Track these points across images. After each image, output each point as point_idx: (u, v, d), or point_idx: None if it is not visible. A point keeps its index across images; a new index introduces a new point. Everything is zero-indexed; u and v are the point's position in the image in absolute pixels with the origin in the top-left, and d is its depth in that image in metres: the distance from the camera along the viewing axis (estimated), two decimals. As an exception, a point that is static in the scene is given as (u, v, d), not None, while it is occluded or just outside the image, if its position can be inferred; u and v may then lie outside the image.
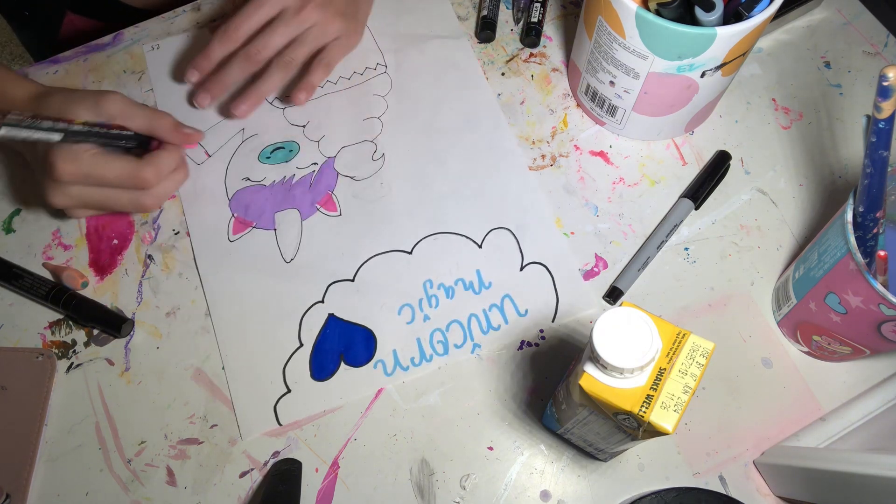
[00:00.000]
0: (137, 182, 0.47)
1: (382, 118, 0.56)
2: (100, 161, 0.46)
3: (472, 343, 0.48)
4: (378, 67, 0.58)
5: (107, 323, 0.49)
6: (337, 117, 0.56)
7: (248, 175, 0.54)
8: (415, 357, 0.48)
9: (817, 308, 0.43)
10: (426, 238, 0.51)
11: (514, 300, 0.49)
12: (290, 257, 0.51)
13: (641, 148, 0.54)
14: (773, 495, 0.44)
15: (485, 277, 0.50)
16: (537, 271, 0.50)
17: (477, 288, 0.50)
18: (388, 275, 0.50)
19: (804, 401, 0.46)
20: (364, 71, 0.58)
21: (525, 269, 0.50)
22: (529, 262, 0.50)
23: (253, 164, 0.54)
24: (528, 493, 0.45)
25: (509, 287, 0.50)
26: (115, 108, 0.47)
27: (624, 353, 0.29)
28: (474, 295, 0.49)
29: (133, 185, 0.48)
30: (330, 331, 0.49)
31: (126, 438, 0.47)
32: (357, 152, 0.55)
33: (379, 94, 0.57)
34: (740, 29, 0.42)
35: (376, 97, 0.57)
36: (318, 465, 0.46)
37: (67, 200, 0.47)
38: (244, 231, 0.52)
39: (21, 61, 1.56)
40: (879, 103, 0.33)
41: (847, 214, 0.38)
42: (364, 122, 0.56)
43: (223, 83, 0.54)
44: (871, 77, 0.56)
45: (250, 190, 0.54)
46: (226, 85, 0.55)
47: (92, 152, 0.46)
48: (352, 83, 0.57)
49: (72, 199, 0.47)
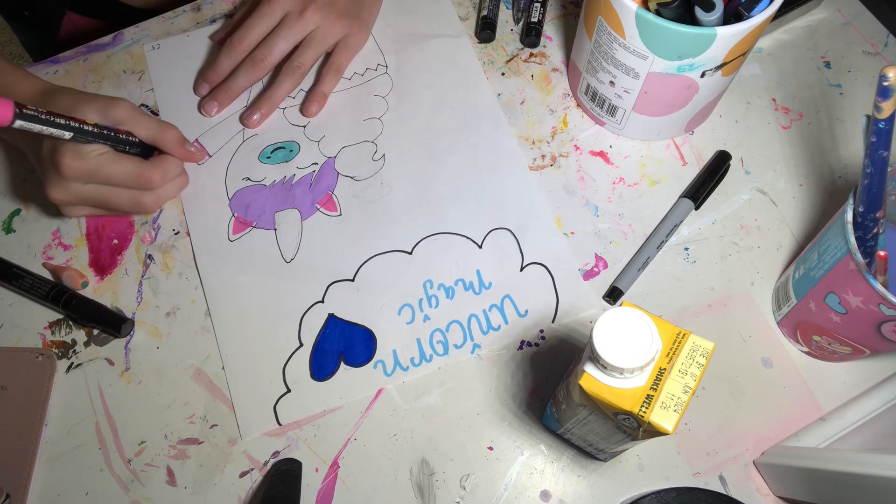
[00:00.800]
0: (143, 182, 0.48)
1: (383, 119, 0.56)
2: (107, 160, 0.47)
3: (473, 343, 0.48)
4: (379, 68, 0.58)
5: (107, 323, 0.49)
6: (337, 118, 0.56)
7: (249, 175, 0.54)
8: (415, 357, 0.48)
9: (817, 308, 0.43)
10: (426, 238, 0.51)
11: (514, 300, 0.49)
12: (290, 257, 0.51)
13: (641, 148, 0.54)
14: (773, 495, 0.44)
15: (485, 278, 0.50)
16: (537, 272, 0.50)
17: (477, 288, 0.50)
18: (389, 275, 0.50)
19: (804, 401, 0.46)
20: (365, 71, 0.58)
21: (525, 270, 0.50)
22: (530, 263, 0.50)
23: (253, 164, 0.55)
24: (528, 493, 0.45)
25: (509, 287, 0.50)
26: (124, 115, 0.48)
27: (624, 353, 0.29)
28: (474, 295, 0.50)
29: (138, 186, 0.48)
30: (330, 331, 0.49)
31: (126, 438, 0.47)
32: (357, 152, 0.55)
33: (379, 94, 0.57)
34: (740, 29, 0.42)
35: (377, 98, 0.57)
36: (318, 465, 0.46)
37: (68, 196, 0.47)
38: (244, 231, 0.52)
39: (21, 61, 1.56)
40: (879, 103, 0.33)
41: (847, 214, 0.38)
42: (365, 122, 0.56)
43: (230, 91, 0.55)
44: (871, 77, 0.56)
45: (250, 190, 0.54)
46: (233, 93, 0.56)
47: (99, 151, 0.47)
48: (352, 84, 0.57)
49: (72, 195, 0.47)
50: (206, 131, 0.56)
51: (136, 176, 0.48)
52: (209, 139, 0.56)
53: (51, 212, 0.54)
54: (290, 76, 0.55)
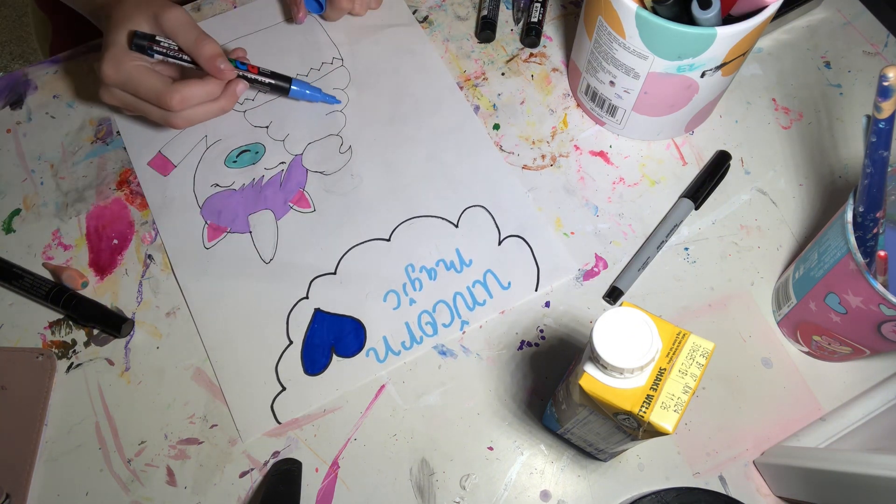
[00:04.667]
0: (162, 103, 0.49)
1: (345, 111, 0.56)
2: (137, 73, 0.49)
3: (461, 320, 0.49)
4: (334, 62, 0.58)
5: (107, 323, 0.49)
6: (299, 115, 0.56)
7: (217, 181, 0.54)
8: (405, 341, 0.48)
9: (817, 308, 0.43)
10: (403, 224, 0.52)
11: (496, 274, 0.50)
12: (268, 258, 0.51)
13: (641, 148, 0.54)
14: (773, 495, 0.44)
15: (465, 255, 0.51)
16: (515, 243, 0.51)
17: (458, 267, 0.50)
18: (370, 264, 0.51)
19: (804, 401, 0.46)
20: (321, 66, 0.58)
21: (503, 243, 0.51)
22: (507, 236, 0.51)
23: (220, 170, 0.54)
24: (528, 493, 0.45)
25: (490, 262, 0.51)
26: (172, 24, 0.50)
27: (624, 353, 0.29)
28: (457, 274, 0.50)
29: (159, 105, 0.50)
30: (318, 325, 0.49)
31: (126, 438, 0.47)
32: (324, 147, 0.55)
33: (339, 87, 0.57)
34: (740, 29, 0.42)
35: (336, 90, 0.57)
36: (318, 465, 0.46)
37: (112, 100, 0.51)
38: (220, 237, 0.52)
39: (21, 61, 1.56)
40: (879, 103, 0.33)
41: (847, 214, 0.38)
42: (327, 116, 0.56)
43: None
44: (871, 77, 0.56)
45: (221, 196, 0.53)
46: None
47: (135, 63, 0.49)
48: (310, 80, 0.58)
49: (116, 99, 0.51)
50: (169, 141, 0.55)
51: (158, 96, 0.49)
52: (172, 149, 0.55)
53: (51, 211, 0.54)
54: None
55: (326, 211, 0.53)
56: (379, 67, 0.58)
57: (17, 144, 0.56)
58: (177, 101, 0.49)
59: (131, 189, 0.54)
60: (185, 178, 0.54)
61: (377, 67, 0.58)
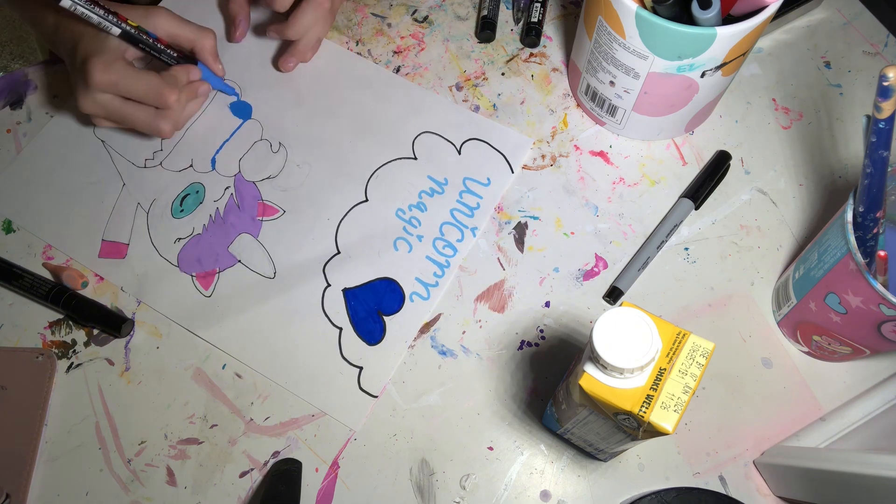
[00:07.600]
0: (161, 100, 0.49)
1: (255, 116, 0.56)
2: (131, 73, 0.48)
3: (468, 229, 0.52)
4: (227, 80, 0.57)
5: (107, 323, 0.49)
6: (213, 139, 0.55)
7: (177, 235, 0.52)
8: (435, 270, 0.51)
9: (817, 308, 0.43)
10: (370, 180, 0.54)
11: (474, 177, 0.53)
12: (271, 273, 0.51)
13: (641, 148, 0.54)
14: (773, 495, 0.44)
15: (438, 177, 0.54)
16: (472, 146, 0.55)
17: (440, 188, 0.53)
18: (364, 227, 0.52)
19: (804, 401, 0.46)
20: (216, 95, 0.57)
21: (462, 151, 0.54)
22: (462, 143, 0.55)
23: (173, 224, 0.52)
24: (528, 493, 0.45)
25: (461, 171, 0.54)
26: (164, 21, 0.50)
27: (624, 353, 0.29)
28: (440, 196, 0.53)
29: (156, 103, 0.49)
30: (354, 302, 0.50)
31: (126, 438, 0.47)
32: (256, 155, 0.55)
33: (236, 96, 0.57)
34: (740, 29, 0.42)
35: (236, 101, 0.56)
36: (318, 465, 0.46)
37: (96, 108, 0.49)
38: (214, 281, 0.51)
39: (21, 61, 1.56)
40: (879, 103, 0.33)
41: (847, 214, 0.39)
42: (242, 129, 0.55)
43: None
44: (871, 77, 0.56)
45: (189, 245, 0.52)
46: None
47: (126, 63, 0.49)
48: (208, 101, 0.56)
49: (99, 107, 0.49)
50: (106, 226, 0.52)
51: (155, 92, 0.49)
52: (113, 231, 0.52)
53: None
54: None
55: (295, 206, 0.53)
56: (259, 63, 0.57)
57: (17, 144, 0.56)
58: (175, 98, 0.49)
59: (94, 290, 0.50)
60: (146, 249, 0.52)
61: (263, 62, 0.58)
